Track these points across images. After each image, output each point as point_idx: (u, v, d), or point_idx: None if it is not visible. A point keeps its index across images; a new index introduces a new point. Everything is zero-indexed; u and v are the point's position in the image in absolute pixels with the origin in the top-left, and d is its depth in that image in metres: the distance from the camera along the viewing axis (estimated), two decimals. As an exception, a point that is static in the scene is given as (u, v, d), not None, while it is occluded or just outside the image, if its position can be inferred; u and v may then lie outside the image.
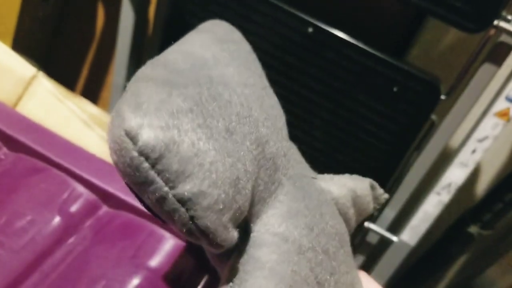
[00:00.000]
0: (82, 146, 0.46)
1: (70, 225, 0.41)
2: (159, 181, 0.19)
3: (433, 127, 0.65)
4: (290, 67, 0.65)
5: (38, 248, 0.38)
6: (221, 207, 0.20)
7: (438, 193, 0.68)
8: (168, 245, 0.41)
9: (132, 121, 0.19)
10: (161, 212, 0.20)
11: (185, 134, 0.19)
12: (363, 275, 0.32)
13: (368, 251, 0.78)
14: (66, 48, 1.05)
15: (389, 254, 0.75)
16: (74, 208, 0.42)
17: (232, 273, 0.23)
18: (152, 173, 0.19)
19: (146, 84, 0.21)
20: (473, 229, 0.81)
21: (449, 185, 0.67)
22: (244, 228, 0.24)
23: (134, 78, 0.22)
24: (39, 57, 0.99)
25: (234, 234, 0.21)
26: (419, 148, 0.67)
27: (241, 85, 0.25)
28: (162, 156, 0.19)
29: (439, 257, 0.88)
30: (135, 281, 0.38)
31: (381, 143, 0.65)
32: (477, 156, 0.64)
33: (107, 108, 0.91)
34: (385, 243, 0.75)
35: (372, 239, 0.77)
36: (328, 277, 0.25)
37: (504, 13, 0.55)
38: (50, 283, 0.37)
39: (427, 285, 0.97)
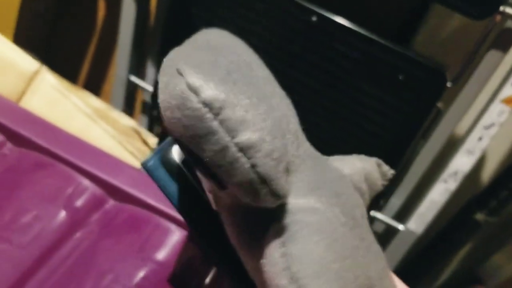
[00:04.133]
0: (86, 140, 0.45)
1: (77, 220, 0.40)
2: (222, 131, 0.20)
3: (439, 114, 0.64)
4: (294, 57, 0.65)
5: (45, 243, 0.38)
6: (278, 155, 0.21)
7: (445, 181, 0.67)
8: (174, 237, 0.41)
9: (194, 76, 0.20)
10: (221, 166, 0.21)
11: (240, 88, 0.21)
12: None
13: (374, 240, 0.78)
14: (67, 41, 1.04)
15: (395, 242, 0.75)
16: (79, 202, 0.42)
17: (278, 234, 0.23)
18: (216, 123, 0.20)
19: (193, 50, 0.23)
20: (479, 216, 0.81)
21: (455, 173, 0.66)
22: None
23: (171, 53, 0.23)
24: (40, 51, 0.99)
25: (289, 185, 0.22)
26: (425, 136, 0.67)
27: (260, 67, 0.27)
28: (224, 107, 0.20)
29: (445, 245, 0.88)
30: (142, 274, 0.38)
31: (387, 132, 0.65)
32: (483, 144, 0.64)
33: (109, 101, 0.90)
34: (391, 231, 0.75)
35: (378, 227, 0.77)
36: (359, 242, 0.26)
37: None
38: (58, 278, 0.37)
39: (432, 272, 0.97)
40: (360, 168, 0.31)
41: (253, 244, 0.25)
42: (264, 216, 0.24)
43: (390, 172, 0.34)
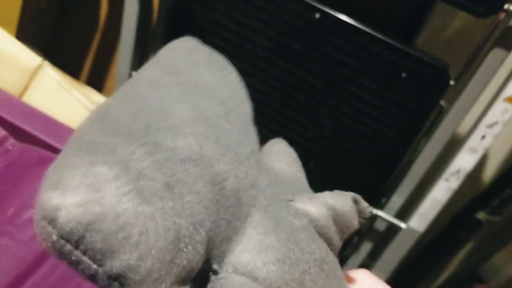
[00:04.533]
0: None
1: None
2: (86, 261, 0.18)
3: (442, 113, 0.64)
4: (297, 54, 0.64)
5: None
6: (156, 276, 0.19)
7: (447, 180, 0.67)
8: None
9: (48, 203, 0.18)
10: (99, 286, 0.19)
11: (109, 206, 0.18)
12: (366, 274, 0.31)
13: (376, 238, 0.78)
14: (70, 37, 1.04)
15: (397, 241, 0.75)
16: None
17: None
18: (77, 254, 0.18)
19: (71, 155, 0.20)
20: (481, 215, 0.81)
21: (458, 171, 0.66)
22: (210, 271, 0.23)
23: (66, 144, 0.22)
24: (43, 47, 0.99)
25: None
26: (428, 134, 0.66)
27: (191, 123, 0.24)
28: (83, 237, 0.18)
29: (446, 243, 0.88)
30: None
31: (390, 130, 0.65)
32: (486, 142, 0.63)
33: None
34: (393, 230, 0.75)
35: (380, 226, 0.76)
36: None
37: (514, -3, 0.54)
38: (59, 275, 0.37)
39: (434, 271, 0.97)
40: (329, 209, 0.29)
41: None
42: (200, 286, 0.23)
43: (368, 210, 0.31)
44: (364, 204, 0.31)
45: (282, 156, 0.35)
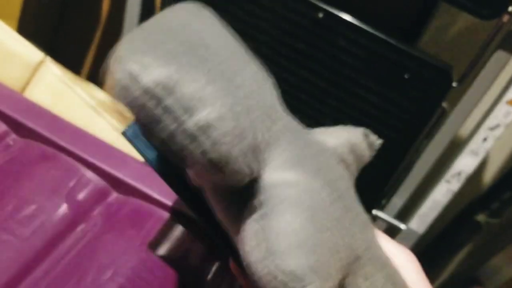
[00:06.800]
0: (90, 132, 0.45)
1: (79, 212, 0.40)
2: (167, 118, 0.19)
3: (444, 114, 0.64)
4: (299, 53, 0.64)
5: (47, 235, 0.38)
6: (239, 131, 0.21)
7: (448, 181, 0.67)
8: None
9: (133, 62, 0.19)
10: (171, 152, 0.20)
11: (185, 71, 0.20)
12: (409, 257, 0.32)
13: (375, 239, 0.78)
14: (72, 33, 1.04)
15: (397, 241, 0.75)
16: (82, 195, 0.41)
17: (256, 209, 0.24)
18: (159, 111, 0.19)
19: (140, 32, 0.22)
20: (481, 217, 0.81)
21: (459, 173, 0.66)
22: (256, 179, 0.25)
23: (124, 37, 0.23)
24: (45, 42, 0.99)
25: (254, 165, 0.22)
26: (430, 136, 0.66)
27: (225, 45, 0.26)
28: (166, 93, 0.19)
29: (446, 245, 0.88)
30: (144, 268, 0.38)
31: (391, 131, 0.65)
32: (488, 145, 0.63)
33: (113, 93, 0.90)
34: (393, 231, 0.75)
35: (380, 227, 0.76)
36: (343, 213, 0.25)
37: (519, 0, 0.54)
38: (59, 271, 0.37)
39: (432, 272, 0.97)
40: (345, 140, 0.31)
41: (236, 220, 0.25)
42: (245, 192, 0.24)
43: (377, 142, 0.34)
44: (373, 137, 0.33)
45: None
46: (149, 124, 0.20)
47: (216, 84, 0.21)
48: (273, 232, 0.22)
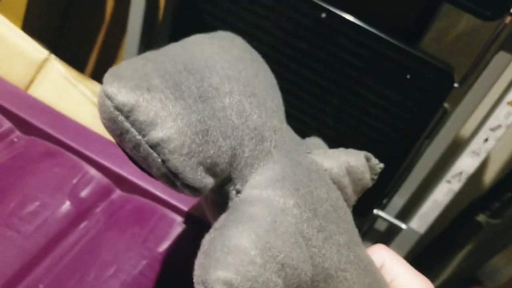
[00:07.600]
0: (94, 129, 0.45)
1: (82, 209, 0.41)
2: (133, 131, 0.23)
3: (445, 115, 0.64)
4: (302, 53, 0.65)
5: (50, 232, 0.38)
6: (187, 151, 0.23)
7: (449, 182, 0.67)
8: (179, 229, 0.41)
9: (109, 85, 0.23)
10: (139, 159, 0.24)
11: (154, 92, 0.23)
12: (383, 249, 0.32)
13: (376, 238, 0.78)
14: (76, 31, 1.05)
15: (397, 241, 0.75)
16: (85, 192, 0.42)
17: (220, 220, 0.25)
18: (127, 124, 0.23)
19: (128, 59, 0.25)
20: (481, 218, 0.81)
21: (460, 173, 0.66)
22: (233, 191, 0.27)
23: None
24: (50, 40, 0.99)
25: (207, 180, 0.24)
26: (431, 136, 0.67)
27: (225, 68, 0.28)
28: (133, 110, 0.22)
29: (446, 245, 0.88)
30: (146, 265, 0.38)
31: (393, 131, 0.65)
32: (489, 145, 0.64)
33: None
34: (393, 230, 0.75)
35: (380, 226, 0.77)
36: (315, 233, 0.26)
37: (521, 1, 0.54)
38: (62, 268, 0.37)
39: (432, 272, 0.97)
40: (342, 162, 0.31)
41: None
42: (224, 203, 0.26)
43: (378, 166, 0.34)
44: (375, 161, 0.34)
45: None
46: (120, 135, 0.23)
47: (177, 107, 0.23)
48: (215, 246, 0.23)
